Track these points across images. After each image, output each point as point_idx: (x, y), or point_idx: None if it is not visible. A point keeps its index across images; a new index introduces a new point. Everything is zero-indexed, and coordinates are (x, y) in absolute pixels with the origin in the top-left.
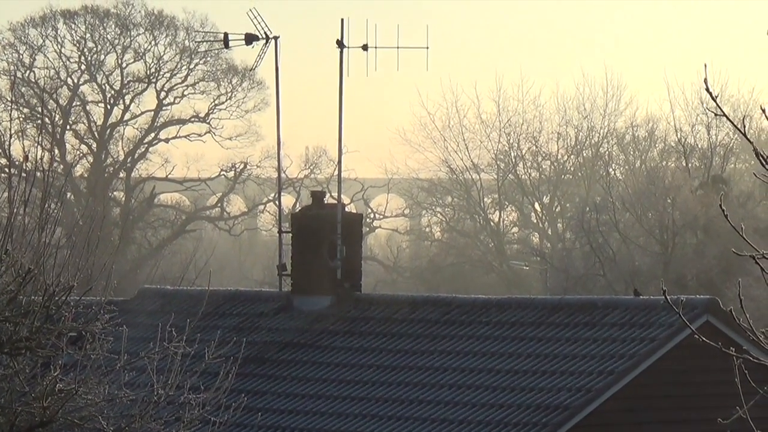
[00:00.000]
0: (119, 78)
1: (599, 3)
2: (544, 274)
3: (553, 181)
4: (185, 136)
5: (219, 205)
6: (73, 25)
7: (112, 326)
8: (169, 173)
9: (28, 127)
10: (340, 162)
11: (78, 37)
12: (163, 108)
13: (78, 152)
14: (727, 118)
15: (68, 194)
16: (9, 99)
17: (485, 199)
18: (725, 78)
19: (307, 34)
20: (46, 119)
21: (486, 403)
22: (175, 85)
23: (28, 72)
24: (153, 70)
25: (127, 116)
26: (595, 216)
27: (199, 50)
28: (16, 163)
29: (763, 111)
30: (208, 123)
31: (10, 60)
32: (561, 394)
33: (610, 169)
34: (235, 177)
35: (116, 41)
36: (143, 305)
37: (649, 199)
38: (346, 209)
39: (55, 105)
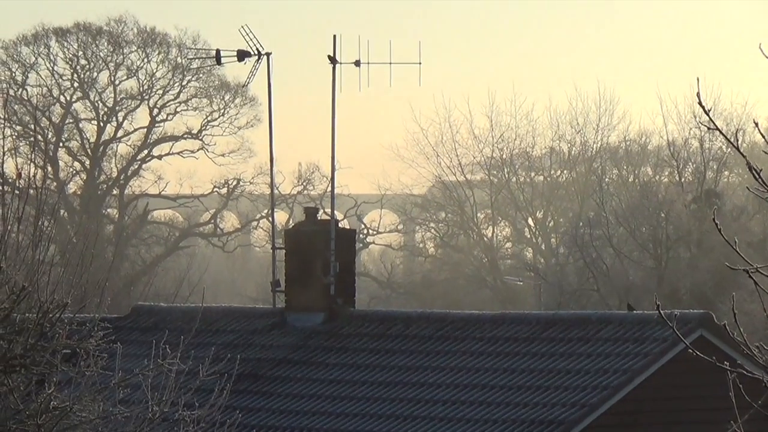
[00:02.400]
0: (112, 95)
1: (591, 18)
2: (538, 289)
3: (546, 196)
4: (178, 153)
5: (212, 221)
6: (65, 43)
7: (107, 343)
8: (162, 190)
9: (21, 144)
10: (333, 178)
11: (70, 55)
12: (156, 125)
13: (71, 169)
14: (720, 132)
15: (62, 211)
16: (2, 116)
17: (478, 215)
18: (718, 92)
19: (299, 51)
20: (39, 137)
21: (480, 419)
22: (168, 101)
23: (20, 90)
24: (146, 87)
25: (120, 133)
26: (589, 231)
27: (191, 67)
28: (9, 180)
29: (756, 125)
30: (201, 140)
31: (3, 78)
32: (555, 409)
33: (603, 184)
34: (228, 193)
35: (109, 58)
36: (137, 322)
37: (642, 213)
38: (340, 225)
39: (48, 122)
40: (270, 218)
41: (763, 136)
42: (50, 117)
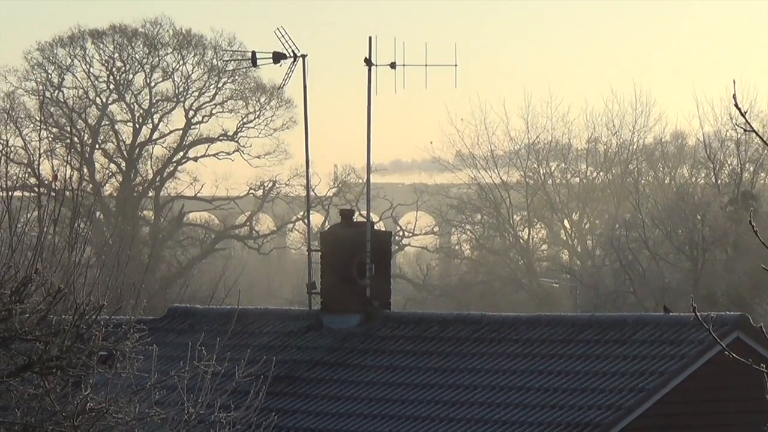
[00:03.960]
0: (148, 97)
1: (627, 20)
2: (574, 291)
3: (582, 198)
4: (214, 155)
5: (248, 223)
6: (101, 45)
7: (142, 345)
8: (198, 192)
9: (57, 146)
10: (368, 180)
11: (106, 57)
12: (192, 127)
13: (107, 171)
14: (757, 134)
15: (97, 213)
16: (38, 118)
17: (514, 217)
18: (754, 94)
19: (335, 53)
20: (75, 138)
21: (516, 421)
22: (204, 103)
23: (56, 92)
24: (181, 89)
25: (155, 135)
26: (625, 233)
27: (227, 69)
28: (46, 182)
29: None
30: (237, 141)
31: (39, 80)
32: (591, 412)
33: (640, 186)
34: (264, 195)
35: (144, 60)
36: (173, 324)
37: (678, 215)
38: (375, 227)
39: (84, 124)
40: (306, 220)
41: None
42: (86, 119)
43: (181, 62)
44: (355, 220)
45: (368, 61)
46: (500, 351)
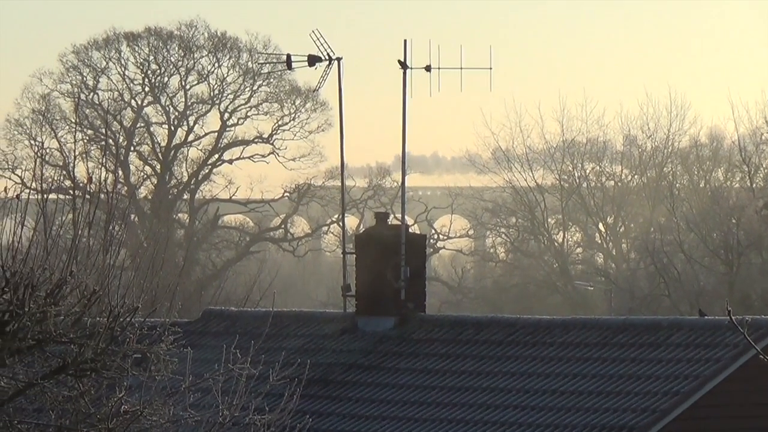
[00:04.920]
0: (183, 99)
1: (662, 23)
2: (609, 294)
3: (617, 201)
4: (249, 157)
5: (283, 226)
6: (136, 48)
7: (177, 347)
8: (233, 194)
9: (92, 148)
10: (403, 183)
11: (141, 59)
12: (227, 129)
13: (142, 174)
14: None
15: (132, 216)
16: (73, 121)
17: (549, 220)
18: None
19: (370, 55)
20: (110, 141)
21: (551, 424)
22: (239, 106)
23: (92, 94)
24: (216, 91)
25: (190, 137)
26: (660, 236)
27: (262, 72)
28: (80, 184)
29: None
30: (272, 144)
31: (74, 82)
32: (626, 415)
33: (674, 189)
34: (299, 198)
35: (179, 63)
36: (208, 326)
37: (713, 218)
38: (410, 230)
39: (119, 127)
40: (340, 223)
41: None
42: (121, 121)
43: (216, 65)
44: (390, 222)
45: (403, 64)
46: (535, 354)
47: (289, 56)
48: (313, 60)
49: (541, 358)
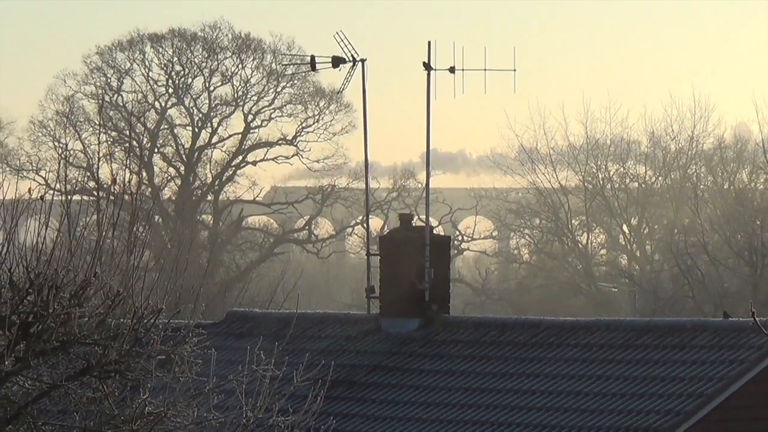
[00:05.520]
0: (207, 101)
1: (686, 25)
2: (633, 296)
3: (641, 203)
4: (273, 159)
5: (307, 227)
6: (160, 49)
7: (201, 349)
8: (257, 196)
9: (116, 150)
10: (428, 184)
11: (165, 61)
12: (251, 131)
13: (166, 175)
14: None
15: (156, 217)
16: (97, 122)
17: (573, 221)
18: None
19: (394, 57)
20: (134, 142)
21: (574, 426)
22: (263, 108)
23: (115, 95)
24: (240, 93)
25: (214, 139)
26: (684, 238)
27: (286, 73)
28: (105, 186)
29: None
30: (296, 145)
31: (98, 84)
32: (650, 417)
33: (698, 191)
34: (323, 200)
35: (203, 64)
36: (232, 328)
37: (737, 220)
38: (434, 231)
39: (143, 128)
40: (365, 224)
41: None
42: (145, 123)
43: (240, 66)
44: (414, 224)
45: (427, 66)
46: (559, 356)
47: (313, 57)
48: (337, 61)
49: (565, 360)
